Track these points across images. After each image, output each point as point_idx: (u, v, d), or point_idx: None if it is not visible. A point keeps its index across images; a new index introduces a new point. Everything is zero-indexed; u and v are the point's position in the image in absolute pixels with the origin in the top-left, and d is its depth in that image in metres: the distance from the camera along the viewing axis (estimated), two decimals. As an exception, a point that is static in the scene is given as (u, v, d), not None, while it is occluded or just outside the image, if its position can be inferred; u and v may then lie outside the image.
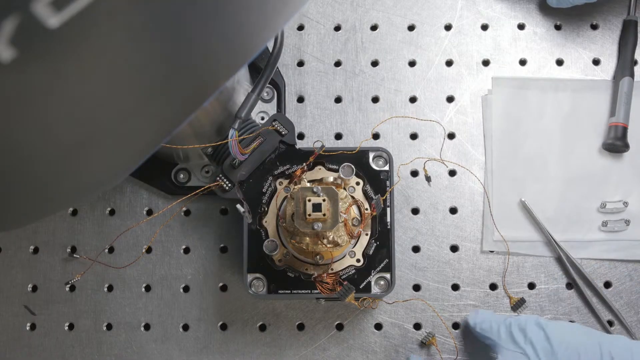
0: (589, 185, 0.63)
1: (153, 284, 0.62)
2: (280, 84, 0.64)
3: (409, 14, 0.66)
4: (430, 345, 0.60)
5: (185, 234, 0.63)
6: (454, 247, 0.63)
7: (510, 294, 0.61)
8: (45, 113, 0.24)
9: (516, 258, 0.62)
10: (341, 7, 0.67)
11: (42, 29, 0.20)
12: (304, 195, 0.49)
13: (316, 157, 0.56)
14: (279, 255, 0.55)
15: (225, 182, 0.55)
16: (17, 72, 0.21)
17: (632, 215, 0.62)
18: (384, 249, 0.56)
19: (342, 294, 0.54)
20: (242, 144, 0.55)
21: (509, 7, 0.66)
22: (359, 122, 0.65)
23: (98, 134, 0.27)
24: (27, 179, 0.27)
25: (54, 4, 0.20)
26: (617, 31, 0.66)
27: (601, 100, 0.64)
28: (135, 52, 0.24)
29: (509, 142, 0.63)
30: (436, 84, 0.65)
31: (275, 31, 0.30)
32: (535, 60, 0.65)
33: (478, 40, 0.66)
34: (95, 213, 0.63)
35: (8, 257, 0.63)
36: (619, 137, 0.61)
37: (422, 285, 0.62)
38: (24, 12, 0.20)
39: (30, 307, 0.62)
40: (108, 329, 0.62)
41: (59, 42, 0.21)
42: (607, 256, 0.62)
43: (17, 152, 0.25)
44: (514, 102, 0.64)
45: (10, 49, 0.20)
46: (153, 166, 0.61)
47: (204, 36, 0.25)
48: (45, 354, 0.62)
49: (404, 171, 0.63)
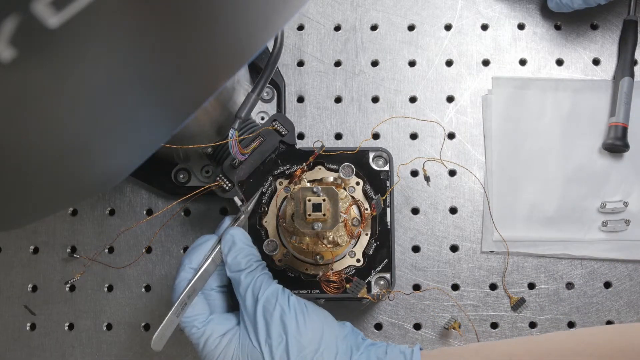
0: (589, 185, 0.63)
1: (153, 284, 0.62)
2: (280, 84, 0.64)
3: (409, 14, 0.66)
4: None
5: (185, 234, 0.63)
6: (454, 247, 0.63)
7: (510, 294, 0.61)
8: (45, 113, 0.24)
9: (516, 258, 0.62)
10: (341, 7, 0.67)
11: (42, 29, 0.20)
12: (304, 195, 0.49)
13: (316, 157, 0.56)
14: (279, 255, 0.55)
15: (225, 182, 0.55)
16: (17, 72, 0.21)
17: (632, 215, 0.62)
18: (384, 249, 0.56)
19: (353, 290, 0.54)
20: (242, 144, 0.55)
21: (509, 7, 0.66)
22: (359, 122, 0.65)
23: (98, 134, 0.27)
24: (27, 179, 0.27)
25: (54, 4, 0.20)
26: (617, 31, 0.66)
27: (601, 100, 0.64)
28: (135, 52, 0.24)
29: (509, 142, 0.63)
30: (436, 84, 0.65)
31: (275, 31, 0.30)
32: (535, 60, 0.65)
33: (478, 40, 0.66)
34: (95, 213, 0.63)
35: (8, 257, 0.63)
36: (619, 137, 0.61)
37: (422, 285, 0.62)
38: (24, 12, 0.20)
39: (30, 307, 0.62)
40: (108, 329, 0.62)
41: (59, 42, 0.21)
42: (607, 256, 0.62)
43: (17, 152, 0.25)
44: (514, 102, 0.64)
45: (10, 49, 0.20)
46: (153, 166, 0.61)
47: (204, 36, 0.25)
48: (45, 354, 0.62)
49: (404, 171, 0.63)
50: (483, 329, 0.61)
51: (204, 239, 0.52)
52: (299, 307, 0.49)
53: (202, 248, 0.51)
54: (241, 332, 0.49)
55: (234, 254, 0.51)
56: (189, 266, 0.50)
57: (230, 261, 0.51)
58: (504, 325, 0.61)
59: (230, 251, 0.51)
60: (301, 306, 0.49)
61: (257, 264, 0.51)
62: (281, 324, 0.48)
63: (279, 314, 0.48)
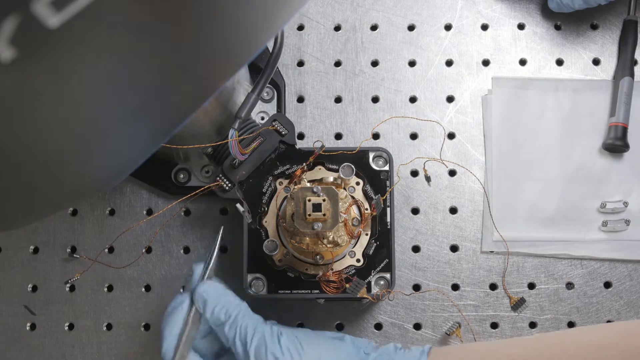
0: (589, 185, 0.63)
1: (153, 284, 0.62)
2: (280, 84, 0.64)
3: (409, 14, 0.66)
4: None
5: (185, 234, 0.63)
6: (454, 247, 0.63)
7: (510, 294, 0.61)
8: (45, 113, 0.24)
9: (516, 258, 0.62)
10: (341, 7, 0.67)
11: (42, 29, 0.20)
12: (304, 195, 0.49)
13: (316, 157, 0.56)
14: (279, 255, 0.55)
15: (225, 182, 0.55)
16: (17, 72, 0.21)
17: (632, 215, 0.62)
18: (384, 249, 0.56)
19: (353, 290, 0.54)
20: (242, 144, 0.55)
21: (509, 7, 0.66)
22: (359, 122, 0.65)
23: (98, 134, 0.27)
24: (27, 179, 0.27)
25: (54, 4, 0.20)
26: (617, 31, 0.66)
27: (601, 100, 0.64)
28: (135, 52, 0.24)
29: (509, 142, 0.63)
30: (436, 84, 0.65)
31: (275, 31, 0.30)
32: (535, 60, 0.65)
33: (478, 40, 0.66)
34: (95, 213, 0.64)
35: (8, 257, 0.63)
36: (619, 137, 0.61)
37: (422, 285, 0.62)
38: (24, 12, 0.20)
39: (30, 307, 0.62)
40: (108, 329, 0.62)
41: (59, 42, 0.21)
42: (607, 256, 0.62)
43: (17, 152, 0.25)
44: (514, 102, 0.64)
45: (10, 49, 0.20)
46: (153, 166, 0.61)
47: (204, 36, 0.25)
48: (45, 354, 0.62)
49: (404, 171, 0.63)
50: (483, 329, 0.61)
51: (177, 302, 0.50)
52: (292, 346, 0.48)
53: (178, 312, 0.50)
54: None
55: (210, 309, 0.50)
56: (171, 334, 0.49)
57: (209, 317, 0.50)
58: (504, 325, 0.61)
59: (206, 308, 0.50)
60: (294, 344, 0.49)
61: (236, 311, 0.50)
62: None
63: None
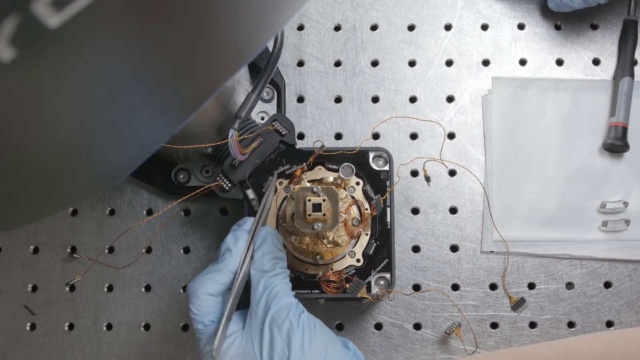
0: (589, 185, 0.63)
1: (153, 284, 0.62)
2: (280, 84, 0.64)
3: (409, 14, 0.66)
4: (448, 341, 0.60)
5: (185, 234, 0.63)
6: (454, 247, 0.63)
7: (510, 294, 0.61)
8: (45, 113, 0.24)
9: (516, 258, 0.62)
10: (341, 7, 0.67)
11: (42, 29, 0.20)
12: (304, 195, 0.49)
13: (316, 157, 0.56)
14: (279, 255, 0.55)
15: (225, 182, 0.55)
16: (17, 72, 0.21)
17: (632, 215, 0.62)
18: (384, 249, 0.56)
19: (353, 290, 0.54)
20: (242, 144, 0.55)
21: (509, 7, 0.66)
22: (359, 122, 0.65)
23: (98, 134, 0.27)
24: (27, 179, 0.27)
25: (54, 4, 0.20)
26: (617, 31, 0.66)
27: (601, 100, 0.64)
28: (135, 52, 0.24)
29: (509, 142, 0.63)
30: (436, 84, 0.65)
31: (275, 31, 0.30)
32: (535, 60, 0.65)
33: (478, 40, 0.66)
34: (95, 213, 0.64)
35: (8, 257, 0.63)
36: (619, 137, 0.61)
37: (422, 285, 0.62)
38: (24, 12, 0.20)
39: (30, 307, 0.62)
40: (108, 329, 0.62)
41: (59, 42, 0.21)
42: (607, 256, 0.62)
43: (17, 152, 0.25)
44: (514, 102, 0.64)
45: (10, 49, 0.20)
46: (153, 166, 0.61)
47: (204, 36, 0.25)
48: (45, 354, 0.62)
49: (404, 171, 0.63)
50: (483, 329, 0.61)
51: (243, 222, 0.52)
52: (308, 326, 0.48)
53: (243, 231, 0.51)
54: (245, 336, 0.48)
55: (262, 252, 0.50)
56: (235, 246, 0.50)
57: (256, 258, 0.50)
58: (504, 325, 0.61)
59: (260, 248, 0.50)
60: (310, 325, 0.49)
61: (281, 269, 0.50)
62: (287, 339, 0.47)
63: (286, 329, 0.47)
